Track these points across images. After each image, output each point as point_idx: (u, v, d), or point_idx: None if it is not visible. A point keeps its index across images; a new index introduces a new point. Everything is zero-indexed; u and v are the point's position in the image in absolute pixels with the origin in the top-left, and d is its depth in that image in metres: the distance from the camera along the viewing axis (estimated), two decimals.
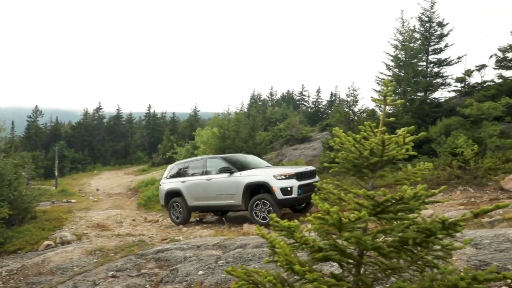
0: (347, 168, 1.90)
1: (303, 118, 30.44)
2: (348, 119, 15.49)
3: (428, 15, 16.24)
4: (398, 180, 1.79)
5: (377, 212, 1.51)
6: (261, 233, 1.75)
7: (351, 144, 1.85)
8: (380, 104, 2.11)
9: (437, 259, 1.56)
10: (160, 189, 11.53)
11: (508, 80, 14.56)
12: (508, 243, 3.68)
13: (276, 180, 8.72)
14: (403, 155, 1.77)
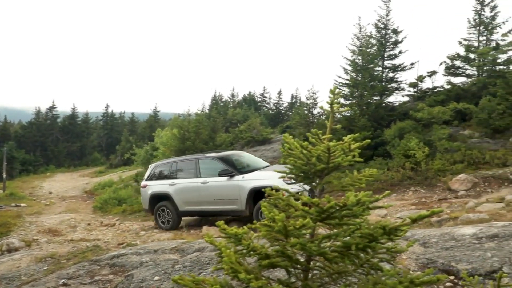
0: (295, 174, 1.93)
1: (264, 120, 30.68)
2: (308, 121, 15.79)
3: (384, 22, 16.90)
4: (344, 186, 1.84)
5: (322, 218, 1.54)
6: (210, 240, 1.74)
7: (299, 150, 1.88)
8: (328, 112, 2.16)
9: (382, 261, 1.62)
10: (142, 192, 10.40)
11: (455, 87, 15.43)
12: (453, 241, 3.88)
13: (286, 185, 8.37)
14: (349, 162, 1.83)
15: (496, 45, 15.16)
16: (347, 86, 15.99)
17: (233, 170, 8.81)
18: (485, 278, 3.00)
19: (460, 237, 3.92)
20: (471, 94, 14.43)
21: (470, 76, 16.08)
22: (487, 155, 10.41)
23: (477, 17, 15.99)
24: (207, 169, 9.34)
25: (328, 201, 1.49)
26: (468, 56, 15.75)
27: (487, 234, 3.88)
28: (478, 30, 16.01)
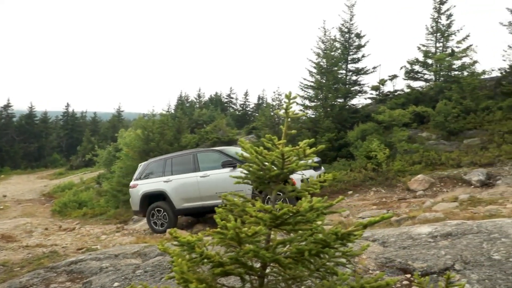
0: (251, 179, 1.92)
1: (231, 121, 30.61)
2: (273, 122, 15.89)
3: (348, 26, 17.32)
4: (299, 191, 1.86)
5: (277, 224, 1.55)
6: (163, 248, 1.70)
7: (254, 156, 1.88)
8: (283, 117, 2.17)
9: (338, 265, 1.64)
10: (132, 193, 9.64)
11: (415, 90, 16.06)
12: (410, 240, 4.02)
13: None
14: (304, 168, 1.84)
15: (451, 52, 15.91)
16: (312, 88, 16.23)
17: (236, 160, 8.37)
18: (439, 276, 3.12)
19: (417, 236, 4.06)
20: (429, 97, 15.06)
21: (428, 81, 16.78)
22: (443, 156, 10.88)
23: (434, 25, 16.72)
24: (207, 163, 8.92)
25: (281, 207, 1.49)
26: (426, 62, 16.42)
27: (442, 232, 4.05)
28: (435, 37, 16.74)
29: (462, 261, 3.26)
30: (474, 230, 3.96)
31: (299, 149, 1.89)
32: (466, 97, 13.00)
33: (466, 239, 3.76)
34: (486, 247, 3.49)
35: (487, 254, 3.31)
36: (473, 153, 10.70)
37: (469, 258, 3.28)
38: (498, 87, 13.93)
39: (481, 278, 2.96)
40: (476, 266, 3.14)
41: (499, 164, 9.67)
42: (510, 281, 2.89)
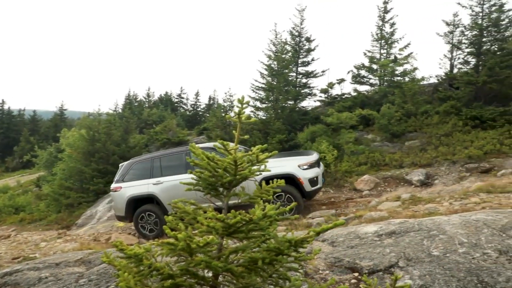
0: (202, 186, 1.87)
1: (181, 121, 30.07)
2: (225, 123, 15.83)
3: (298, 30, 17.67)
4: (252, 198, 1.84)
5: (229, 233, 1.52)
6: (108, 260, 1.60)
7: (205, 162, 1.83)
8: (235, 122, 2.13)
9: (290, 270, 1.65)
10: (115, 197, 8.77)
11: (361, 94, 16.74)
12: (357, 239, 4.16)
13: (302, 171, 7.71)
14: (257, 174, 1.83)
15: (394, 58, 16.77)
16: (263, 90, 16.38)
17: None
18: (385, 273, 3.25)
19: (364, 235, 4.21)
20: (374, 101, 15.76)
21: (373, 85, 17.55)
22: (386, 157, 11.44)
23: (379, 32, 17.54)
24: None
25: (234, 216, 1.46)
26: (372, 67, 17.18)
27: (386, 231, 4.23)
28: (380, 44, 17.56)
29: (405, 258, 3.42)
30: (416, 228, 4.17)
31: (252, 154, 1.86)
32: (408, 102, 13.76)
33: (409, 236, 3.95)
34: (426, 244, 3.69)
35: (427, 251, 3.50)
36: (414, 154, 11.35)
37: (412, 255, 3.45)
38: (435, 93, 14.90)
39: (422, 273, 3.12)
40: (417, 262, 3.31)
41: (436, 165, 10.32)
42: (448, 275, 3.07)
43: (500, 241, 3.56)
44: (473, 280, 2.94)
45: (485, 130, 11.37)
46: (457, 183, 8.81)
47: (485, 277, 2.97)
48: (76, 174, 15.44)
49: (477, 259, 3.25)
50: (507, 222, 4.01)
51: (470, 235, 3.75)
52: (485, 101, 12.54)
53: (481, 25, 13.30)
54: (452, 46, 15.47)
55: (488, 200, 6.17)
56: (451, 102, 12.96)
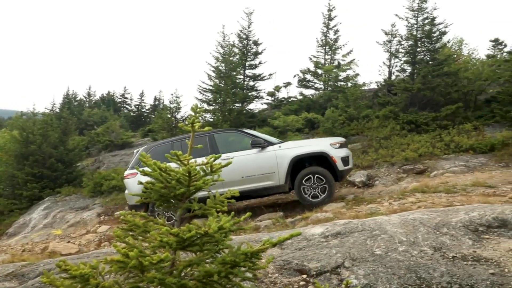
0: (153, 198, 1.80)
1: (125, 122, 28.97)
2: (171, 125, 15.50)
3: (246, 33, 17.79)
4: (206, 209, 1.80)
5: (183, 246, 1.47)
6: (49, 281, 1.48)
7: (157, 173, 1.76)
8: (189, 130, 2.08)
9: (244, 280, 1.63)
10: (130, 185, 8.09)
11: (306, 98, 17.22)
12: (305, 241, 4.24)
13: (335, 149, 7.48)
14: (210, 184, 1.79)
15: (338, 64, 17.46)
16: (210, 92, 16.28)
17: (264, 140, 7.70)
18: (332, 274, 3.35)
19: (311, 237, 4.31)
20: (319, 105, 16.28)
21: (318, 89, 18.13)
22: None
23: (324, 38, 18.18)
24: (227, 144, 8.01)
25: (189, 229, 1.42)
26: (317, 72, 17.74)
27: (332, 232, 4.36)
28: (325, 49, 18.20)
29: (351, 258, 3.55)
30: (359, 228, 4.35)
31: (206, 164, 1.82)
32: (350, 106, 14.37)
33: (353, 237, 4.11)
34: (369, 243, 3.85)
35: (371, 250, 3.66)
36: (356, 156, 11.84)
37: (356, 255, 3.58)
38: (375, 98, 15.71)
39: (366, 273, 3.25)
40: (362, 262, 3.44)
41: (377, 166, 10.87)
42: (390, 273, 3.22)
43: (434, 239, 3.81)
44: (412, 277, 3.11)
45: (420, 134, 12.16)
46: (396, 183, 9.34)
47: (423, 273, 3.16)
48: (7, 179, 14.32)
49: (415, 257, 3.44)
50: (440, 221, 4.31)
51: (409, 233, 3.97)
52: (420, 106, 13.44)
53: (415, 36, 14.24)
54: (390, 55, 16.41)
55: (423, 200, 6.60)
56: (389, 107, 13.72)
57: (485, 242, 3.76)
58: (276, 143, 7.76)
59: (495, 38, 20.88)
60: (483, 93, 14.33)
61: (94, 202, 12.50)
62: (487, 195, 6.65)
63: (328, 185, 7.38)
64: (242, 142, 8.01)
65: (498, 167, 9.16)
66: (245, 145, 7.87)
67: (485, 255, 3.42)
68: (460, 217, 4.31)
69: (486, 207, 4.66)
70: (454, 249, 3.54)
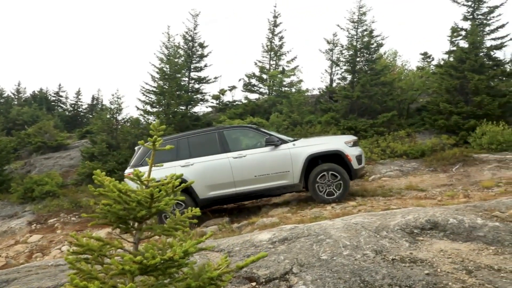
0: (110, 220, 1.70)
1: (59, 122, 27.22)
2: (111, 127, 14.83)
3: (192, 35, 17.58)
4: (166, 230, 1.73)
5: (145, 272, 1.40)
6: None
7: (116, 194, 1.66)
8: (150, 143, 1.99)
9: None
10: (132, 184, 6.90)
11: (251, 102, 17.37)
12: (253, 248, 4.25)
13: (349, 147, 7.36)
14: (173, 203, 1.73)
15: (282, 70, 17.84)
16: (154, 94, 15.84)
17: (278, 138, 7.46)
18: (280, 281, 3.38)
19: (259, 243, 4.33)
20: (264, 109, 16.50)
21: (263, 94, 18.40)
22: None
23: (269, 44, 18.50)
24: (238, 141, 7.72)
25: (152, 256, 1.35)
26: (262, 76, 18.00)
27: (279, 238, 4.41)
28: (270, 55, 18.53)
29: (298, 264, 3.62)
30: (305, 233, 4.45)
31: (167, 185, 1.74)
32: (294, 111, 14.73)
33: (300, 242, 4.19)
34: (315, 248, 3.96)
35: (317, 255, 3.76)
36: None
37: (304, 261, 3.66)
38: (318, 104, 16.26)
39: (314, 278, 3.33)
40: (309, 267, 3.52)
41: None
42: (336, 277, 3.33)
43: (375, 242, 4.00)
44: (357, 280, 3.24)
45: (359, 140, 12.79)
46: None
47: (366, 276, 3.30)
48: None
49: (358, 260, 3.59)
50: (380, 224, 4.54)
51: (352, 237, 4.14)
52: (359, 113, 14.13)
53: (355, 46, 14.98)
54: (332, 63, 17.10)
55: (363, 203, 6.93)
56: (331, 113, 14.27)
57: (419, 243, 4.02)
58: (288, 141, 7.64)
59: (424, 52, 22.69)
60: (414, 102, 15.44)
61: (24, 209, 11.59)
62: (420, 198, 7.15)
63: (343, 182, 7.29)
64: (253, 139, 7.82)
65: (428, 172, 9.89)
66: (256, 142, 7.68)
67: (420, 256, 3.65)
68: (398, 220, 4.57)
69: (419, 210, 4.99)
70: (393, 252, 3.74)
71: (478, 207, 5.05)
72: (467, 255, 3.61)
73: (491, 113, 12.14)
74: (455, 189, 7.79)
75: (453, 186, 8.18)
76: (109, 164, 13.22)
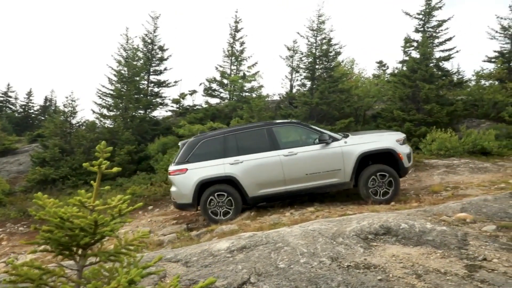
0: (51, 246, 1.60)
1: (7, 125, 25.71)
2: (65, 131, 14.19)
3: (151, 37, 17.25)
4: (113, 254, 1.66)
5: None
6: None
7: (58, 221, 1.57)
8: (96, 166, 1.90)
9: None
10: (178, 181, 7.34)
11: (212, 107, 17.27)
12: (211, 257, 4.20)
13: (400, 146, 7.25)
14: (120, 227, 1.66)
15: (243, 75, 17.90)
16: (111, 97, 15.35)
17: (329, 135, 7.31)
18: None
19: (217, 253, 4.28)
20: (224, 114, 16.46)
21: (224, 99, 18.36)
22: None
23: (230, 49, 18.51)
24: (287, 138, 7.60)
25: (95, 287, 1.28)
26: (223, 81, 17.96)
27: (238, 246, 4.40)
28: (231, 60, 18.54)
29: (256, 273, 3.61)
30: (264, 241, 4.46)
31: (113, 208, 1.67)
32: (254, 117, 14.79)
33: (258, 250, 4.19)
34: (273, 257, 3.97)
35: (275, 264, 3.78)
36: None
37: (262, 270, 3.66)
38: (278, 110, 16.44)
39: (271, 287, 3.34)
40: (267, 276, 3.53)
41: None
42: (293, 286, 3.36)
43: (331, 249, 4.08)
44: None
45: None
46: None
47: (322, 284, 3.36)
48: None
49: (315, 268, 3.65)
50: (336, 230, 4.64)
51: (309, 245, 4.20)
52: (318, 119, 14.44)
53: (314, 54, 15.33)
54: (292, 69, 17.38)
55: (320, 209, 7.06)
56: (291, 119, 14.48)
57: (373, 249, 4.15)
58: (339, 137, 7.49)
59: (379, 60, 23.64)
60: (370, 109, 16.01)
61: None
62: (373, 204, 7.38)
63: (394, 181, 7.22)
64: (302, 136, 7.64)
65: None
66: (305, 139, 7.53)
67: (374, 262, 3.77)
68: (353, 226, 4.69)
69: (374, 216, 5.16)
70: (349, 258, 3.84)
71: (427, 211, 5.30)
72: (417, 260, 3.76)
73: (440, 120, 12.83)
74: (407, 194, 8.13)
75: (405, 190, 8.53)
76: (61, 170, 12.63)
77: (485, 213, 5.00)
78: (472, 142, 11.32)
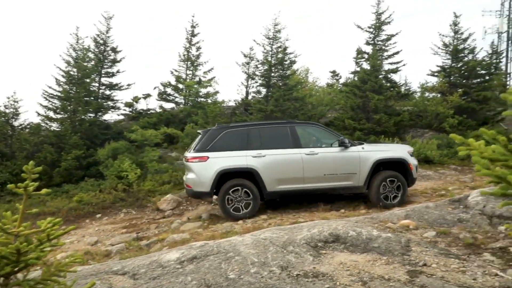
0: None
1: None
2: (5, 134, 13.29)
3: (104, 38, 16.66)
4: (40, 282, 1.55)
5: None
6: None
7: None
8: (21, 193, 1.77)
9: None
10: (198, 168, 7.27)
11: (166, 112, 16.97)
12: (160, 268, 4.08)
13: (410, 157, 7.78)
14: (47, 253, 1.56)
15: (199, 80, 17.76)
16: (58, 99, 14.60)
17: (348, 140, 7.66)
18: None
19: (166, 264, 4.17)
20: (179, 119, 16.21)
21: (179, 104, 18.08)
22: None
23: (186, 53, 18.30)
24: (308, 138, 7.79)
25: None
26: (178, 86, 17.70)
27: (188, 257, 4.31)
28: (186, 65, 18.33)
29: (206, 285, 3.56)
30: (215, 251, 4.41)
31: (41, 234, 1.56)
32: (209, 123, 14.68)
33: (209, 261, 4.13)
34: (224, 267, 3.93)
35: (225, 274, 3.74)
36: None
37: (211, 281, 3.61)
38: (233, 116, 16.45)
39: None
40: None
41: None
42: None
43: (282, 257, 4.12)
44: None
45: None
46: None
47: None
48: None
49: (265, 278, 3.65)
50: (287, 239, 4.69)
51: (260, 254, 4.20)
52: None
53: (270, 62, 15.54)
54: (248, 76, 17.50)
55: (273, 217, 7.12)
56: None
57: (322, 257, 4.23)
58: (356, 144, 7.83)
59: (333, 70, 24.40)
60: (323, 117, 16.46)
61: None
62: (326, 211, 7.57)
63: (402, 185, 7.52)
64: (321, 137, 7.89)
65: None
66: (324, 140, 7.83)
67: (322, 270, 3.84)
68: (304, 234, 4.76)
69: (324, 223, 5.27)
70: (298, 267, 3.88)
71: (374, 218, 5.50)
72: (363, 267, 3.88)
73: (388, 130, 13.46)
74: (356, 201, 8.41)
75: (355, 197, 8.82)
76: (0, 176, 11.80)
77: (426, 219, 5.27)
78: (416, 151, 11.97)
